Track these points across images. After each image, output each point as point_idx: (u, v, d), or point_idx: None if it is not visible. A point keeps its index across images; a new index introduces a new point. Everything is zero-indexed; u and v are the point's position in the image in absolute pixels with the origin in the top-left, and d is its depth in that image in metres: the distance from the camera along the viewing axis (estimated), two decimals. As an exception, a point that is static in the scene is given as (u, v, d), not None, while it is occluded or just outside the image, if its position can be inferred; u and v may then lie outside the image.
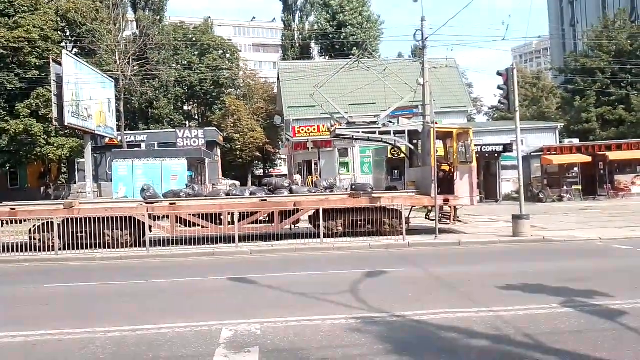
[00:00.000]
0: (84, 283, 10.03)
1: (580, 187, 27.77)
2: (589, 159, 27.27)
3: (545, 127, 38.15)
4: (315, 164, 35.24)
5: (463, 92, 40.14)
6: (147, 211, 14.09)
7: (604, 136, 35.59)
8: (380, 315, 6.70)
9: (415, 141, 16.81)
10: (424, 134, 16.07)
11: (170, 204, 14.56)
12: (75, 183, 35.59)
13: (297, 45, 59.10)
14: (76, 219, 13.62)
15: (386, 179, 30.28)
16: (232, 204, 14.55)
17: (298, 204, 14.61)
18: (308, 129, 34.68)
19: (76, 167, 35.86)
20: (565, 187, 27.88)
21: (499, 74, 15.33)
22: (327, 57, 53.59)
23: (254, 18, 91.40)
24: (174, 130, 37.73)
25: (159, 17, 50.73)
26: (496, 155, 29.88)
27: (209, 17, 62.06)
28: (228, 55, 55.67)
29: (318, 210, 14.41)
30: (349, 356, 5.27)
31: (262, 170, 66.07)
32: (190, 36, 53.79)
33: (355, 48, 50.98)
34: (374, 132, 16.80)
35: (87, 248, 13.45)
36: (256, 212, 14.59)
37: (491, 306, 6.88)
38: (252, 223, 14.59)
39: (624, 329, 5.82)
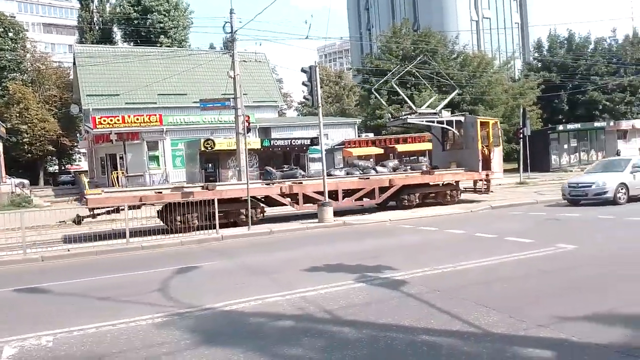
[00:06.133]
0: None
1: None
2: (381, 150, 30.69)
3: (346, 123, 41.68)
4: (121, 158, 32.80)
5: (274, 87, 41.45)
6: (281, 191, 15.73)
7: (394, 131, 40.35)
8: (189, 310, 6.60)
9: (445, 129, 19.87)
10: (466, 123, 19.09)
11: (297, 183, 16.21)
12: None
13: (97, 28, 54.07)
14: (214, 200, 13.97)
15: (200, 173, 29.76)
16: (344, 182, 17.06)
17: (392, 181, 17.32)
18: (111, 120, 32.07)
19: None
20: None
21: (303, 70, 16.24)
22: (131, 43, 50.15)
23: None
24: (-62, 120, 31.38)
25: None
26: (305, 148, 31.66)
27: (-17, -12, 52.94)
28: (11, 34, 48.23)
29: (403, 186, 17.51)
30: (154, 355, 5.08)
31: (57, 166, 59.06)
32: (-42, 8, 45.11)
33: (162, 36, 48.76)
34: (433, 121, 19.54)
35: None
36: (362, 189, 16.94)
37: (297, 288, 7.31)
38: (358, 199, 17.12)
39: (405, 296, 6.73)
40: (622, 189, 15.78)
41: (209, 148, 28.80)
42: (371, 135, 39.33)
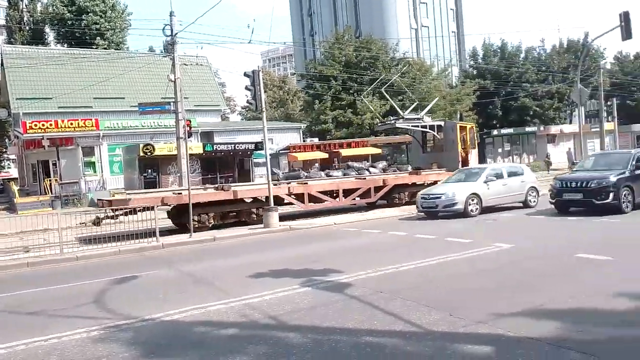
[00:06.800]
0: None
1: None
2: (326, 155, 30.92)
3: (291, 127, 41.72)
4: (54, 164, 31.18)
5: (216, 91, 40.85)
6: (289, 191, 16.64)
7: (338, 135, 40.80)
8: (128, 322, 6.34)
9: (425, 132, 21.49)
10: (447, 128, 20.52)
11: (302, 183, 17.23)
12: None
13: (27, 28, 51.25)
14: (229, 200, 15.60)
15: (139, 179, 28.77)
16: (344, 182, 18.18)
17: (385, 181, 18.49)
18: (43, 125, 30.43)
19: None
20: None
21: (246, 75, 16.05)
22: (65, 45, 47.92)
23: (-34, -10, 75.58)
24: None
25: None
26: (249, 152, 31.37)
27: None
28: None
29: (395, 185, 18.71)
30: (90, 371, 4.84)
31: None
32: None
33: (99, 37, 46.92)
34: (418, 126, 20.93)
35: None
36: (359, 188, 18.04)
37: (241, 295, 7.19)
38: (357, 198, 18.26)
39: (349, 298, 6.77)
40: (473, 199, 15.06)
41: (149, 153, 27.89)
42: (316, 140, 39.57)
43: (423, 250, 10.02)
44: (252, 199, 16.61)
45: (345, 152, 31.45)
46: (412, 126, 21.15)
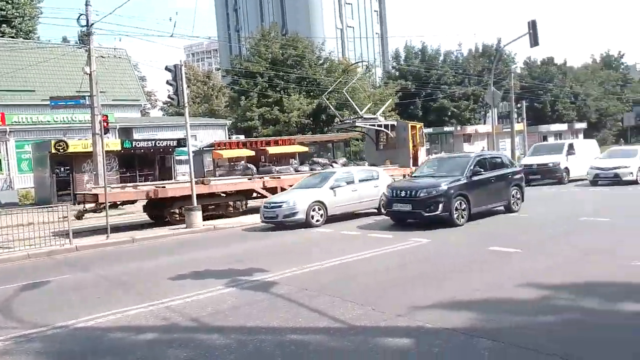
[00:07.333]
0: None
1: (247, 178, 31.01)
2: (253, 153, 30.56)
3: (215, 124, 40.86)
4: (-47, 161, 28.43)
5: (136, 85, 39.17)
6: (264, 185, 17.17)
7: (265, 133, 40.53)
8: (37, 331, 5.93)
9: (378, 131, 22.16)
10: (399, 127, 21.71)
11: (276, 178, 17.93)
12: None
13: None
14: (209, 194, 16.06)
15: (51, 177, 26.97)
16: None
17: None
18: (-61, 119, 27.65)
19: None
20: (234, 179, 30.65)
21: (167, 69, 15.48)
22: (-35, 32, 43.78)
23: None
24: None
25: None
26: (170, 149, 30.37)
27: None
28: None
29: None
30: (-8, 386, 4.48)
31: None
32: None
33: (5, 25, 43.39)
34: (374, 125, 21.78)
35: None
36: None
37: (161, 298, 6.95)
38: None
39: (275, 296, 6.77)
40: (317, 208, 13.71)
41: (62, 150, 26.11)
42: (242, 137, 39.03)
43: (347, 246, 10.20)
44: (225, 194, 17.09)
45: (272, 149, 31.22)
46: (369, 125, 22.22)
